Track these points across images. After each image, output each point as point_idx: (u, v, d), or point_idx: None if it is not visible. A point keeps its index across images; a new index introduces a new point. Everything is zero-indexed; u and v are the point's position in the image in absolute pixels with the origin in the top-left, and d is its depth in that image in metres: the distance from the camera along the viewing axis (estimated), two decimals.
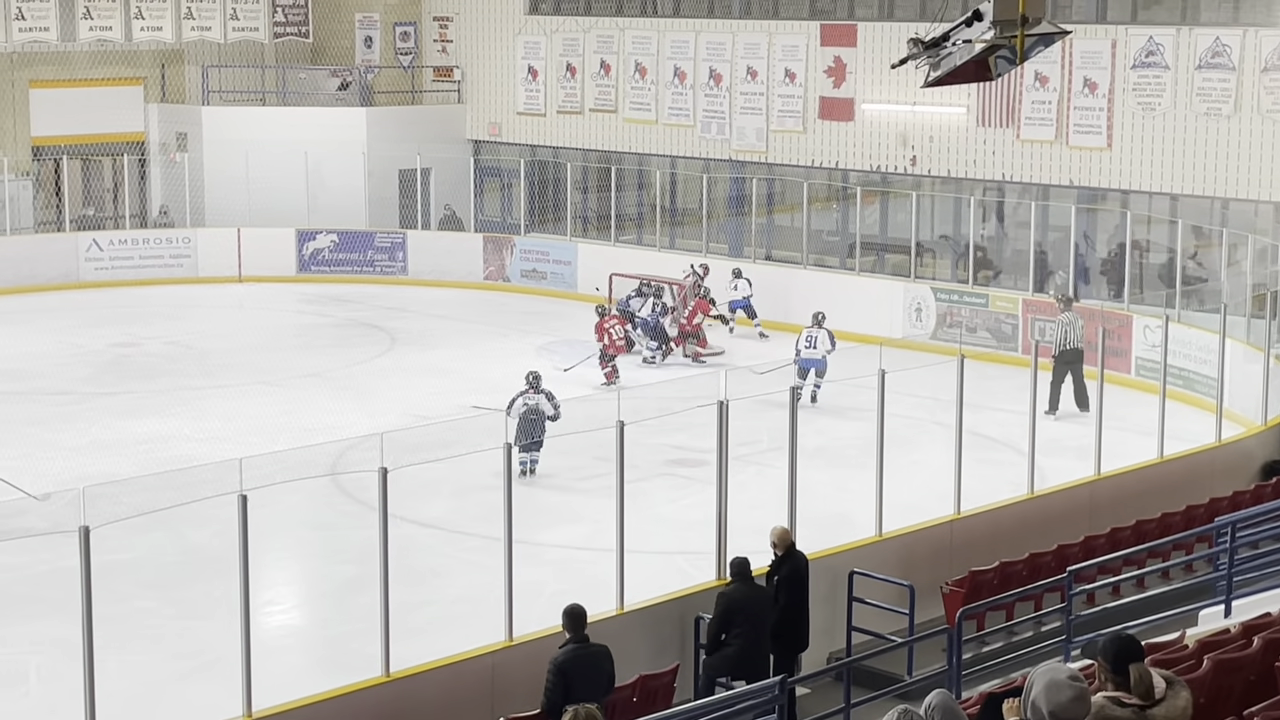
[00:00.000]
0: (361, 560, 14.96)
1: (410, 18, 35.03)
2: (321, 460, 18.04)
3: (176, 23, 33.44)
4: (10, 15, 31.29)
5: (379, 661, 11.35)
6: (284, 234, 31.96)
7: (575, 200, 32.44)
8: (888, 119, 27.85)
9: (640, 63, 31.24)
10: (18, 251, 30.63)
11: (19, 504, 16.37)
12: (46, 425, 21.22)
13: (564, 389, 22.68)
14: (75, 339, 26.38)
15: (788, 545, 12.71)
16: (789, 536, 12.76)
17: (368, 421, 20.71)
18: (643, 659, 12.01)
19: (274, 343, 26.70)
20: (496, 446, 11.77)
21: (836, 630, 13.34)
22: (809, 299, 26.58)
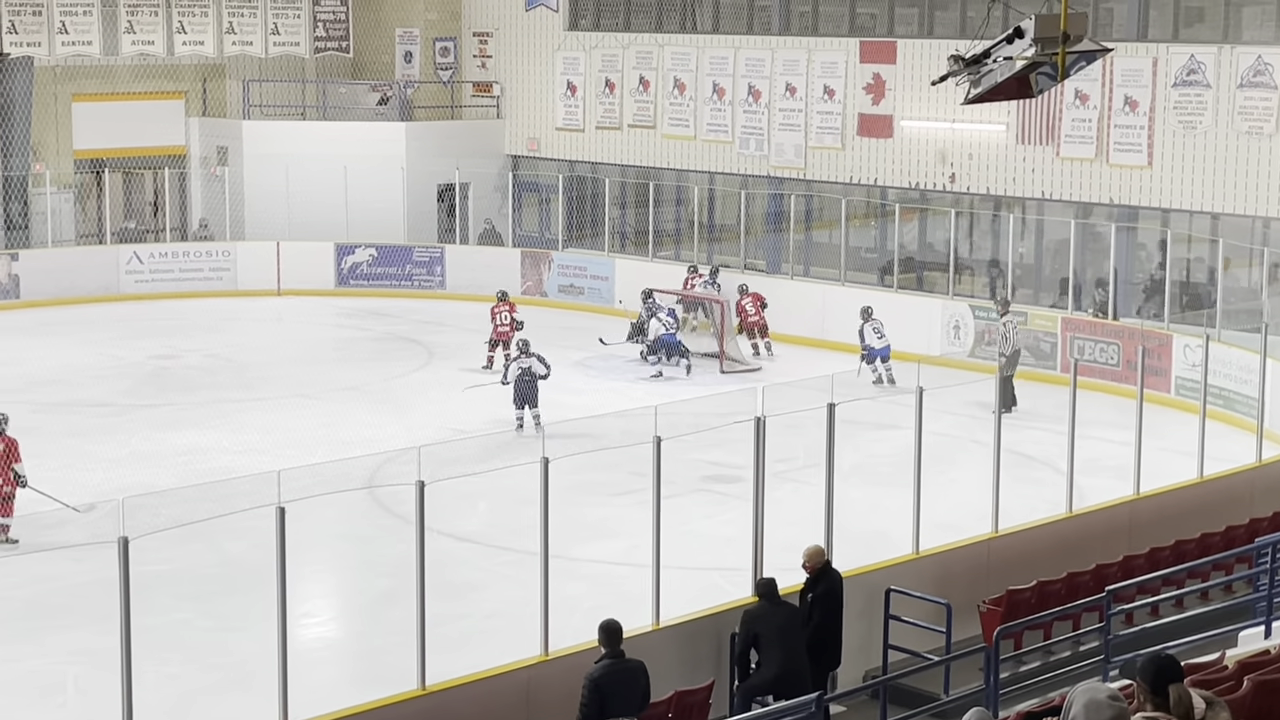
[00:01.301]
0: (398, 573, 14.98)
1: (450, 33, 35.16)
2: (359, 473, 18.09)
3: (218, 37, 33.65)
4: (54, 29, 31.53)
5: (415, 674, 11.36)
6: (323, 248, 32.09)
7: (613, 216, 32.49)
8: (927, 136, 27.80)
9: (679, 79, 31.28)
10: (59, 263, 30.85)
11: (59, 515, 16.46)
12: (87, 436, 21.34)
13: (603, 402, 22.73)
14: (115, 351, 26.52)
15: (822, 564, 12.67)
16: (822, 556, 12.72)
17: (405, 435, 20.77)
18: (678, 675, 11.98)
19: (312, 356, 26.80)
20: (534, 461, 11.77)
21: (873, 648, 13.28)
22: (847, 316, 26.56)
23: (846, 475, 15.11)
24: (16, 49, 30.09)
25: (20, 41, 30.69)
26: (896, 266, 27.85)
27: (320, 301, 31.08)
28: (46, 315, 29.43)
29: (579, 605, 14.13)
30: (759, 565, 13.06)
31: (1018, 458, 18.82)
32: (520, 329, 24.47)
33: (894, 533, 15.00)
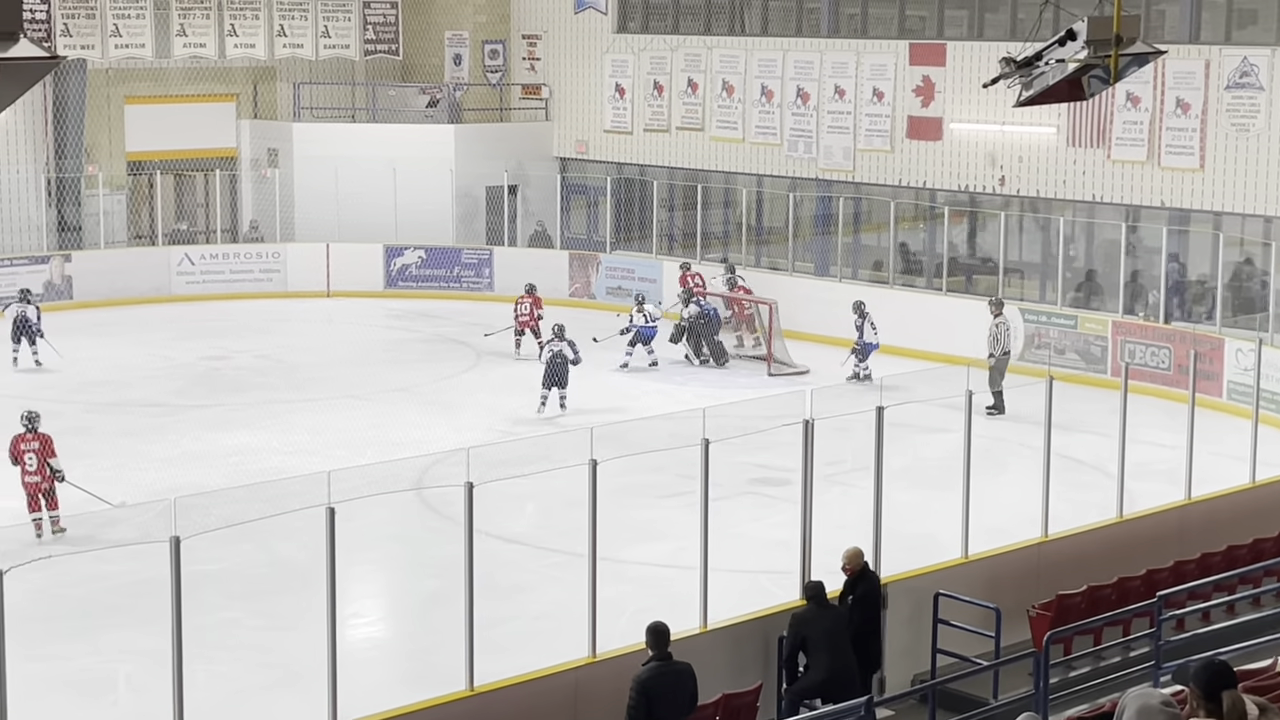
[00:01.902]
0: (446, 574, 15.03)
1: (499, 36, 35.24)
2: (407, 474, 18.14)
3: (269, 40, 33.83)
4: (107, 32, 31.77)
5: (463, 675, 11.39)
6: (372, 249, 32.22)
7: (661, 218, 32.49)
8: (976, 138, 27.69)
9: (727, 81, 31.26)
10: (111, 264, 31.07)
11: (110, 514, 16.60)
12: (138, 436, 21.49)
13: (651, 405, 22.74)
14: (166, 352, 26.70)
15: (861, 566, 12.64)
16: (861, 558, 12.69)
17: (453, 436, 20.83)
18: (725, 678, 11.97)
19: (362, 357, 26.90)
20: (582, 463, 11.79)
21: (921, 652, 13.24)
22: (895, 318, 26.50)
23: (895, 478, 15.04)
24: (70, 51, 30.32)
25: (74, 44, 30.93)
26: (945, 269, 27.75)
27: (369, 303, 31.20)
28: (99, 316, 29.65)
29: (626, 607, 14.14)
30: (807, 568, 13.04)
31: (1068, 462, 18.72)
32: (541, 320, 26.06)
33: (943, 536, 14.95)
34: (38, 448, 17.12)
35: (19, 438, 17.22)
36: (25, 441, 17.17)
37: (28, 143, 31.42)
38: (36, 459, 17.07)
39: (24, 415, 17.37)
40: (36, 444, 17.14)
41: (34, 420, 17.31)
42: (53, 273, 30.69)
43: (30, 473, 17.08)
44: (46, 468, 17.12)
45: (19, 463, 17.14)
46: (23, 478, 17.14)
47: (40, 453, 17.10)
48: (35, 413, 17.42)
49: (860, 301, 25.42)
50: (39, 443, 17.16)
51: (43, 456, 17.10)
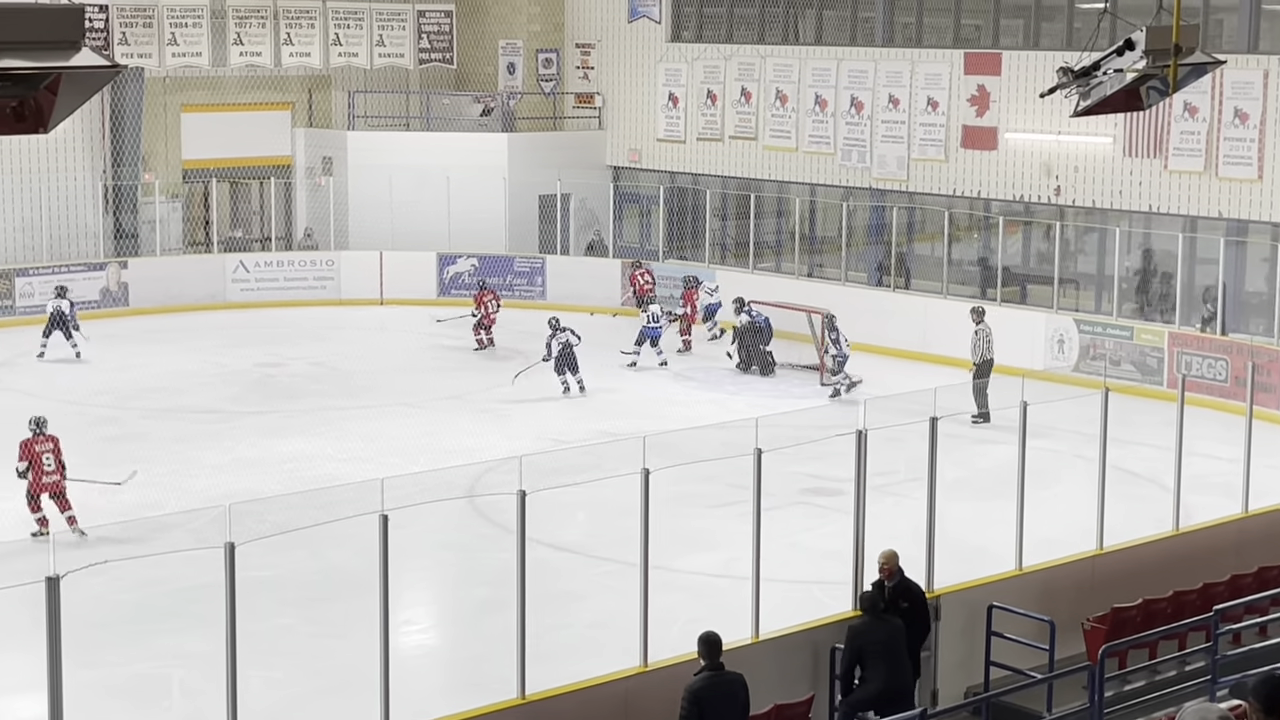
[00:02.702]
0: (497, 582, 15.03)
1: (553, 45, 35.31)
2: (460, 482, 18.19)
3: (324, 49, 34.01)
4: (164, 41, 32.01)
5: (514, 683, 11.38)
6: (425, 258, 32.33)
7: (714, 227, 32.47)
8: (1031, 148, 27.56)
9: (781, 90, 31.22)
10: (167, 271, 31.29)
11: (165, 520, 16.69)
12: (193, 443, 21.61)
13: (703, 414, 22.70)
14: (221, 358, 26.86)
15: (898, 570, 12.58)
16: (897, 560, 12.61)
17: (505, 444, 20.85)
18: (777, 688, 11.92)
19: (414, 365, 26.99)
20: (634, 472, 11.77)
21: (974, 664, 13.15)
22: (948, 329, 26.40)
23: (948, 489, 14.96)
24: (128, 60, 30.56)
25: (131, 53, 31.18)
26: (1000, 279, 27.61)
27: (422, 311, 31.29)
28: (154, 323, 29.86)
29: (678, 617, 14.11)
30: (860, 579, 12.98)
31: (1123, 474, 18.56)
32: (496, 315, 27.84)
33: (996, 548, 14.85)
34: (52, 448, 17.60)
35: (31, 441, 17.62)
36: (39, 444, 17.58)
37: (85, 150, 31.68)
38: (54, 459, 17.53)
39: (33, 420, 17.79)
40: (51, 445, 17.61)
41: (42, 424, 17.75)
42: (109, 279, 30.94)
43: (49, 473, 17.51)
44: (62, 468, 17.57)
45: (35, 465, 17.49)
46: (40, 479, 17.51)
47: (55, 453, 17.58)
48: (43, 416, 17.90)
49: (831, 315, 25.37)
50: (52, 444, 17.64)
51: (57, 457, 17.58)
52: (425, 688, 13.24)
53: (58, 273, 30.33)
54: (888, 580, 12.55)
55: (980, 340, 23.44)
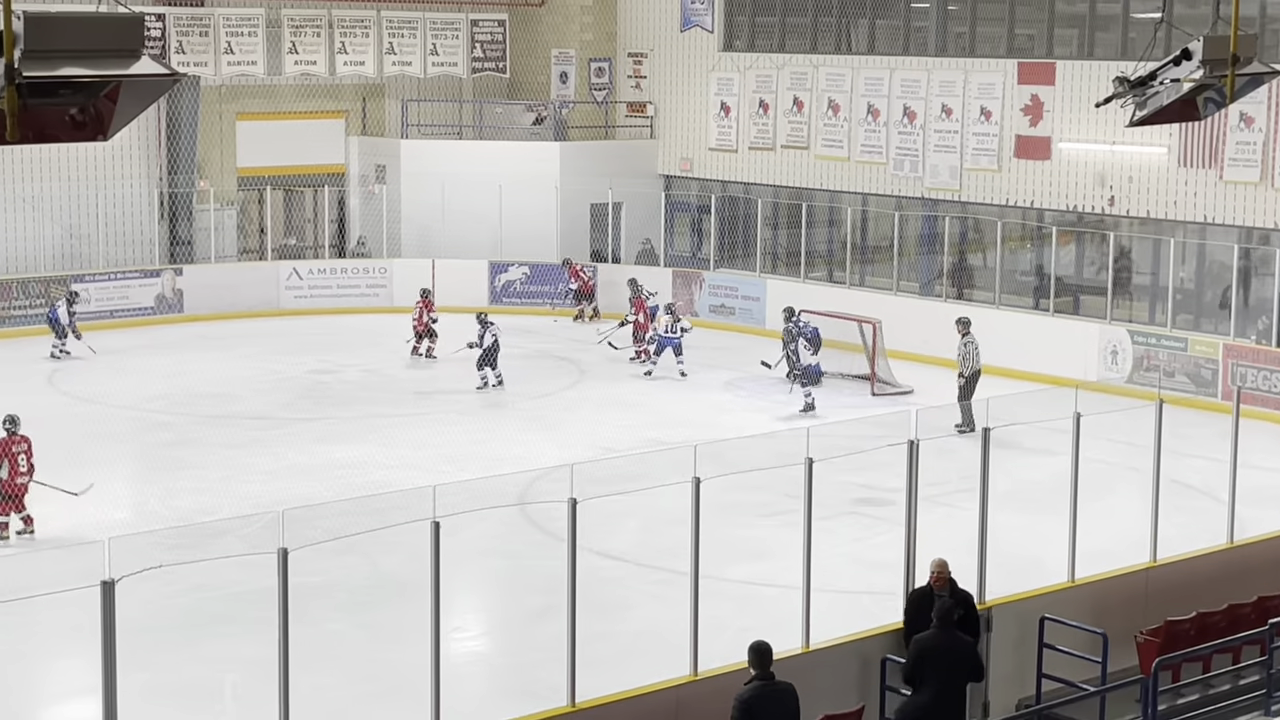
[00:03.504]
0: (548, 590, 15.06)
1: (605, 54, 35.38)
2: (510, 490, 18.21)
3: (378, 58, 34.18)
4: (220, 50, 32.24)
5: (564, 691, 11.39)
6: (477, 265, 32.43)
7: (765, 236, 32.44)
8: (1085, 158, 27.42)
9: (833, 99, 31.17)
10: (221, 279, 31.50)
11: (218, 525, 16.79)
12: (245, 448, 21.74)
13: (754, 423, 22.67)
14: (274, 365, 27.01)
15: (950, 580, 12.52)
16: (949, 569, 12.56)
17: (556, 452, 20.89)
18: (827, 699, 11.89)
19: (465, 372, 27.05)
20: (685, 480, 11.77)
21: (1026, 676, 13.09)
22: (1000, 339, 26.29)
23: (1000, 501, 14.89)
24: (184, 68, 30.77)
25: (187, 61, 31.41)
26: (1053, 290, 27.48)
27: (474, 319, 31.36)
28: (208, 329, 30.06)
29: (728, 625, 14.10)
30: (910, 590, 12.93)
31: (1177, 486, 18.45)
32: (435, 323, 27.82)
33: (1049, 560, 14.78)
34: (26, 449, 17.70)
35: (6, 441, 17.73)
36: (15, 444, 17.70)
37: (141, 158, 31.95)
38: (26, 460, 17.66)
39: (6, 419, 17.86)
40: (25, 445, 17.72)
41: (16, 423, 17.87)
42: (164, 286, 31.18)
43: (22, 473, 17.64)
44: (32, 469, 17.68)
45: (10, 465, 17.62)
46: (14, 478, 17.63)
47: (28, 454, 17.70)
48: (16, 415, 17.97)
49: (789, 309, 25.54)
50: (26, 444, 17.75)
51: (29, 458, 17.69)
52: (475, 694, 13.27)
53: (114, 279, 30.60)
54: (938, 590, 12.50)
55: (969, 351, 23.22)
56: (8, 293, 29.38)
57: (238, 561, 13.26)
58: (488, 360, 25.45)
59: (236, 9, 32.48)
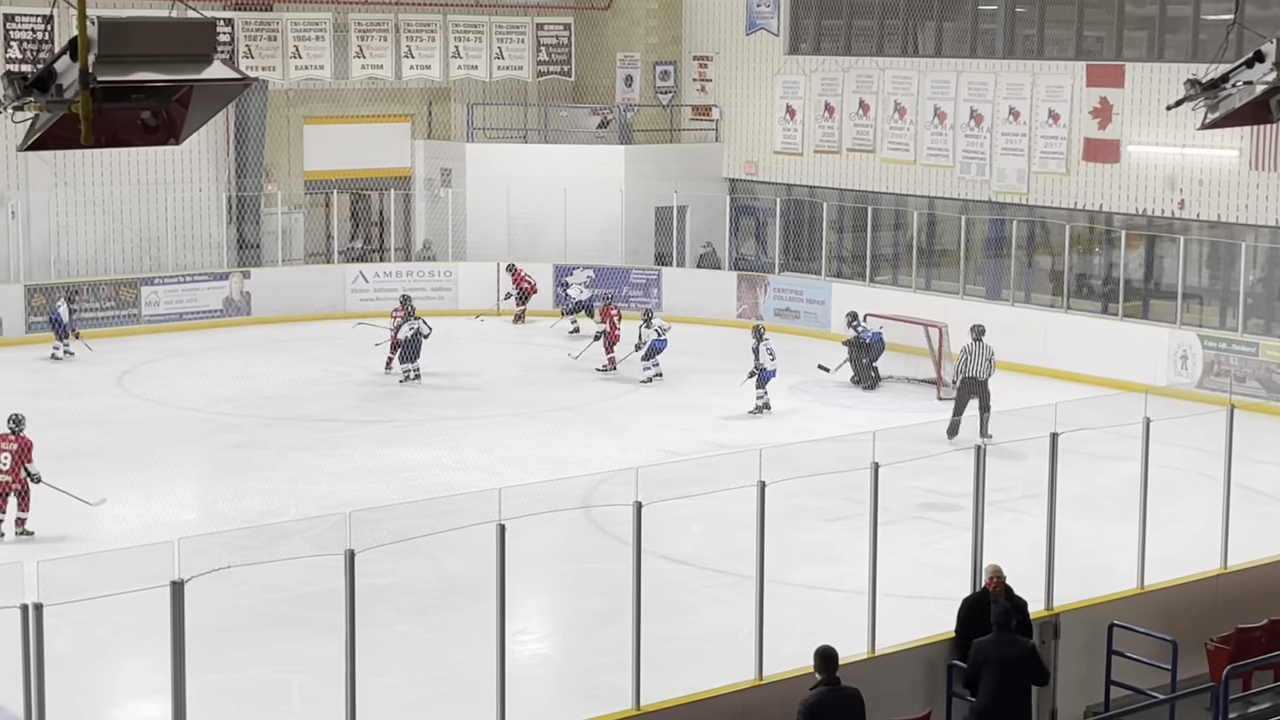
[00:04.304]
0: (612, 593, 15.08)
1: (671, 57, 35.38)
2: (575, 493, 18.24)
3: (444, 62, 34.33)
4: (288, 54, 32.48)
5: (629, 694, 11.40)
6: (542, 269, 32.50)
7: (830, 240, 32.35)
8: (1155, 161, 27.18)
9: (899, 102, 31.05)
10: (288, 281, 31.71)
11: (286, 527, 16.91)
12: (312, 451, 21.87)
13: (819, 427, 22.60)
14: (340, 368, 27.16)
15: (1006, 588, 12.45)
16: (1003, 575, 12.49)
17: (620, 456, 20.90)
18: (893, 704, 11.84)
19: (530, 375, 27.14)
20: (750, 484, 11.76)
21: (1094, 684, 12.99)
22: (1070, 344, 26.12)
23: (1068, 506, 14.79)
24: (252, 72, 30.93)
25: (256, 66, 31.65)
26: (1122, 294, 27.26)
27: (539, 322, 31.46)
28: (275, 332, 30.28)
29: (793, 630, 14.07)
30: None
31: (1247, 492, 18.26)
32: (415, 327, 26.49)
33: (1117, 566, 14.68)
34: (15, 449, 17.79)
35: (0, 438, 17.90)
36: (5, 442, 17.83)
37: (210, 162, 32.22)
38: (11, 459, 17.71)
39: (11, 418, 18.02)
40: (15, 445, 17.81)
41: (20, 423, 18.00)
42: (232, 289, 31.42)
43: (3, 471, 17.67)
44: (22, 469, 17.73)
45: None
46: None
47: (16, 454, 17.76)
48: (20, 416, 18.10)
49: (759, 325, 25.42)
50: (18, 445, 17.83)
51: (19, 459, 17.74)
52: (540, 697, 13.30)
53: (183, 282, 30.87)
54: (994, 595, 12.43)
55: (979, 358, 22.74)
56: (79, 295, 29.68)
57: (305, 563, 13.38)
58: (409, 354, 25.97)
59: (304, 13, 32.70)
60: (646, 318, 26.90)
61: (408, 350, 25.95)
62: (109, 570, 11.63)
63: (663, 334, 26.51)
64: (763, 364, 24.19)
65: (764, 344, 24.27)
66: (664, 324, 26.84)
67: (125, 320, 30.19)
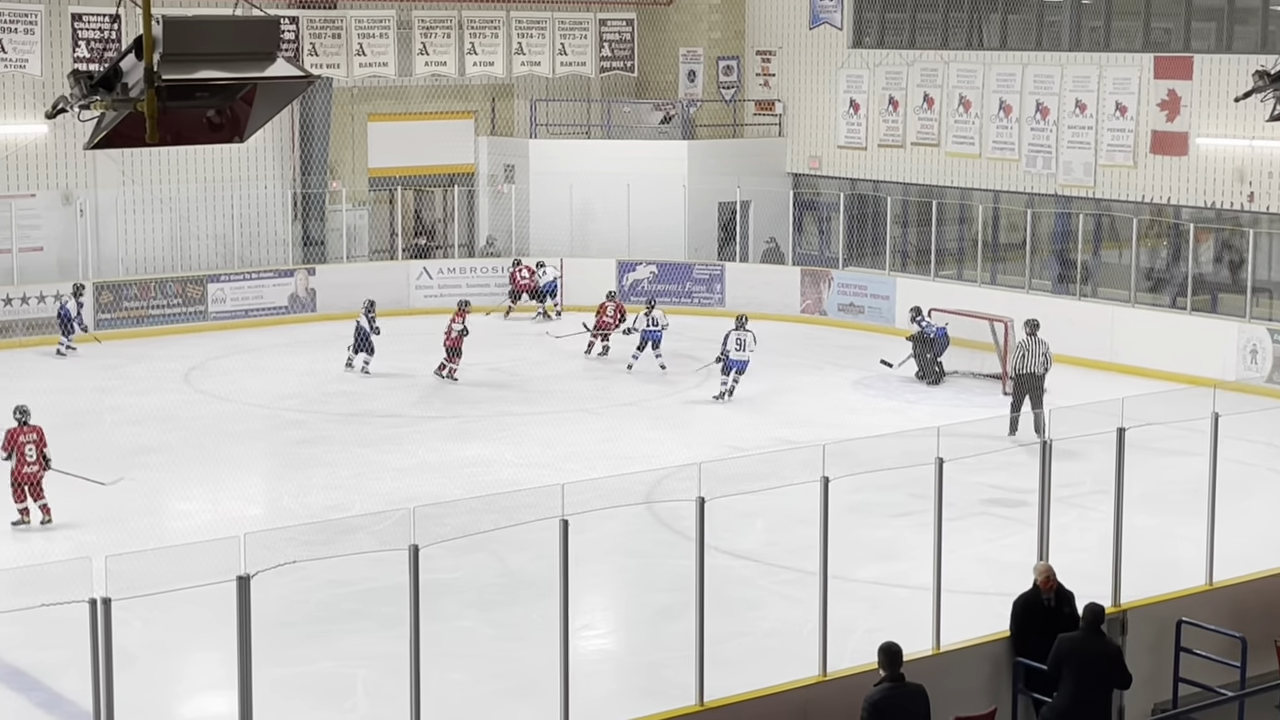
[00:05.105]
0: (675, 588, 15.08)
1: (733, 52, 35.32)
2: (638, 488, 18.25)
3: (507, 58, 34.40)
4: (352, 51, 32.63)
5: (693, 690, 11.39)
6: (605, 264, 32.52)
7: (894, 234, 32.21)
8: (1224, 154, 26.90)
9: (964, 96, 30.86)
10: (353, 278, 31.86)
11: (350, 522, 16.99)
12: (376, 446, 21.97)
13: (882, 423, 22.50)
14: (404, 363, 27.26)
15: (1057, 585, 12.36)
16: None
17: (683, 451, 20.89)
18: (958, 701, 11.78)
19: (593, 371, 27.16)
20: (813, 480, 11.72)
21: (1162, 681, 12.87)
22: (1135, 338, 25.90)
23: (1135, 502, 14.66)
24: (316, 70, 31.17)
25: (320, 63, 31.82)
26: (1190, 288, 26.99)
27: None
28: (340, 328, 30.35)
29: (857, 626, 14.01)
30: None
31: None
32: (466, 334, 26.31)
33: (1186, 562, 14.53)
34: (35, 439, 18.07)
35: (15, 431, 18.10)
36: (23, 434, 18.06)
37: (275, 159, 32.42)
38: (35, 450, 18.00)
39: (17, 409, 18.27)
40: (34, 435, 18.08)
41: (26, 414, 18.25)
42: (297, 286, 31.61)
43: (30, 463, 17.97)
44: (43, 459, 18.04)
45: (17, 454, 17.96)
46: (20, 468, 17.97)
47: (38, 444, 18.05)
48: (26, 406, 18.33)
49: (741, 316, 25.56)
50: (35, 434, 18.11)
51: (40, 448, 18.04)
52: (604, 692, 13.30)
53: (249, 279, 31.09)
54: (1046, 593, 12.34)
55: (1035, 354, 22.38)
56: (147, 293, 29.96)
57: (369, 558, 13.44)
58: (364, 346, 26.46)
59: (368, 11, 32.85)
60: (649, 307, 27.24)
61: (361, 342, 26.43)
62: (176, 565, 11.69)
63: (658, 325, 26.89)
64: (728, 351, 24.69)
65: (735, 334, 24.70)
66: (660, 316, 27.14)
67: (192, 317, 30.44)
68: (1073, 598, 12.39)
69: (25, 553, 16.65)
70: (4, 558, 16.62)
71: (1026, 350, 22.51)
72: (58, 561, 11.58)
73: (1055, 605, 12.32)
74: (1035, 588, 12.40)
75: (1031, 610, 12.25)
